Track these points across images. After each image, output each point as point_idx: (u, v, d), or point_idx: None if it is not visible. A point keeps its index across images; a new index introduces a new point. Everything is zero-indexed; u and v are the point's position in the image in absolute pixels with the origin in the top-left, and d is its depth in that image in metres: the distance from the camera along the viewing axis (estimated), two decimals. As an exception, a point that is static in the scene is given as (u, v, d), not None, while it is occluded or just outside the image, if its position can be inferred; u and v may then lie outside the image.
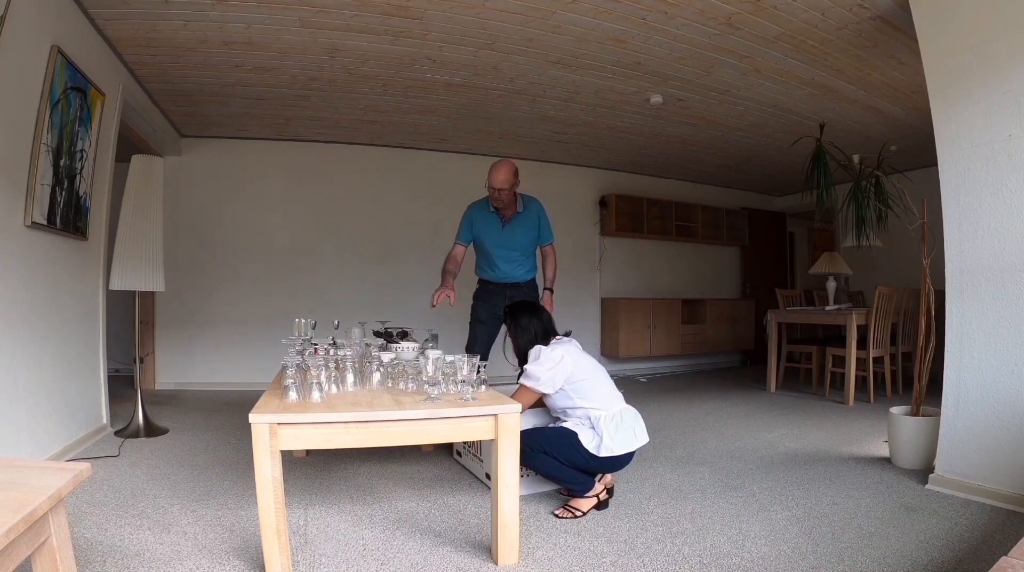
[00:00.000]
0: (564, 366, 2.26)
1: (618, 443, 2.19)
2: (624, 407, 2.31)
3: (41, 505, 1.07)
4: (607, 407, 2.26)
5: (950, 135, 2.45)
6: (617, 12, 3.06)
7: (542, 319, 2.45)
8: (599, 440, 2.19)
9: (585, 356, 2.38)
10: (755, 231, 7.47)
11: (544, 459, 2.19)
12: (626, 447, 2.21)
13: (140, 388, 3.46)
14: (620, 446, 2.19)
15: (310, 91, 4.18)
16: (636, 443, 2.25)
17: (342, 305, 5.03)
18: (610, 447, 2.17)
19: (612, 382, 2.38)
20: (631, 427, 2.26)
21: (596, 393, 2.28)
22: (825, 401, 4.60)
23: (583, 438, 2.20)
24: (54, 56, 2.61)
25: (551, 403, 2.35)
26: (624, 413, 2.28)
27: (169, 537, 1.94)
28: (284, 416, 1.62)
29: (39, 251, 2.69)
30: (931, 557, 1.81)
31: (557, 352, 2.29)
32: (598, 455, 2.18)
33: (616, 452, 2.19)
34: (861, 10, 2.99)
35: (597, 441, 2.19)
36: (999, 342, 2.30)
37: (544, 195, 6.17)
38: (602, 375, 2.36)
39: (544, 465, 2.21)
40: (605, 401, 2.28)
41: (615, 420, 2.23)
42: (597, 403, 2.26)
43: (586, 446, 2.18)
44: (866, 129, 4.82)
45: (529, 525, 2.08)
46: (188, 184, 5.10)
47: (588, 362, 2.36)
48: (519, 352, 2.45)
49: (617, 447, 2.19)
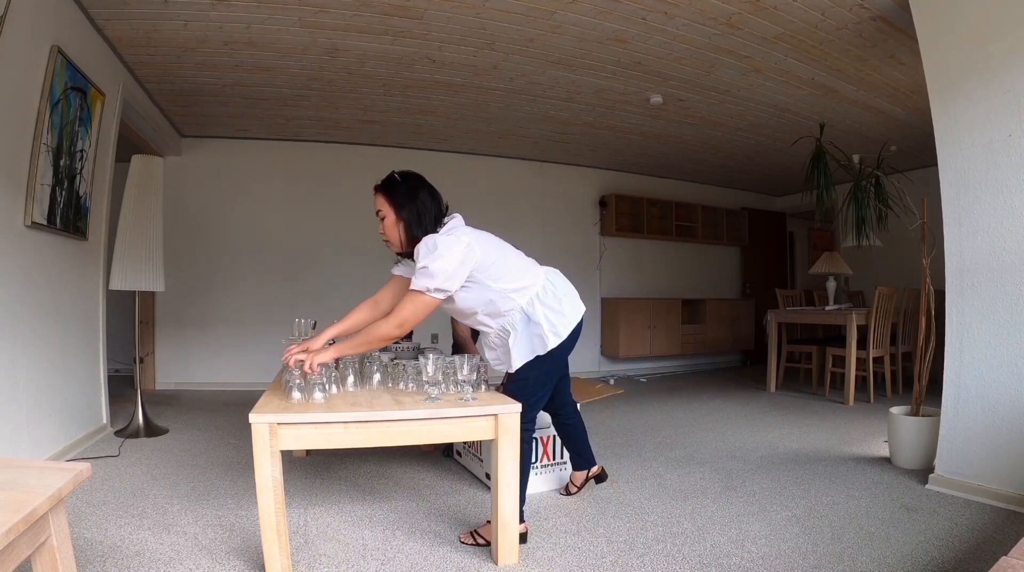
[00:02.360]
0: (473, 254, 1.82)
1: (568, 308, 1.92)
2: (546, 270, 2.01)
3: (41, 505, 1.07)
4: (532, 280, 1.93)
5: (950, 135, 2.45)
6: (617, 12, 3.06)
7: (437, 200, 1.94)
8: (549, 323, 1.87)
9: (487, 234, 1.95)
10: (755, 231, 7.47)
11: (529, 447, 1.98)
12: (578, 309, 1.96)
13: (140, 388, 3.46)
14: (572, 309, 1.94)
15: (310, 91, 4.18)
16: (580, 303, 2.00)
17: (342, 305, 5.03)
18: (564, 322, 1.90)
19: (521, 253, 2.02)
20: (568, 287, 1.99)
21: (512, 269, 1.91)
22: (825, 401, 4.60)
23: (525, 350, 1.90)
24: (54, 56, 2.61)
25: (461, 306, 1.92)
26: (551, 276, 1.98)
27: (169, 537, 1.94)
28: (284, 416, 1.62)
29: (39, 251, 2.69)
30: (931, 557, 1.82)
31: (462, 240, 1.81)
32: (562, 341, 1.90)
33: (574, 320, 1.93)
34: (861, 10, 2.99)
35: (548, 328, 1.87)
36: (999, 342, 2.30)
37: (544, 195, 6.28)
38: (510, 249, 1.98)
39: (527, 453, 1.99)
40: (528, 275, 1.93)
41: (548, 290, 1.93)
42: (522, 280, 1.91)
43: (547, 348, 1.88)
44: (866, 129, 4.82)
45: (529, 525, 2.08)
46: (188, 184, 5.10)
47: (492, 240, 1.94)
48: (406, 243, 1.92)
49: (570, 311, 1.92)
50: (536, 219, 6.17)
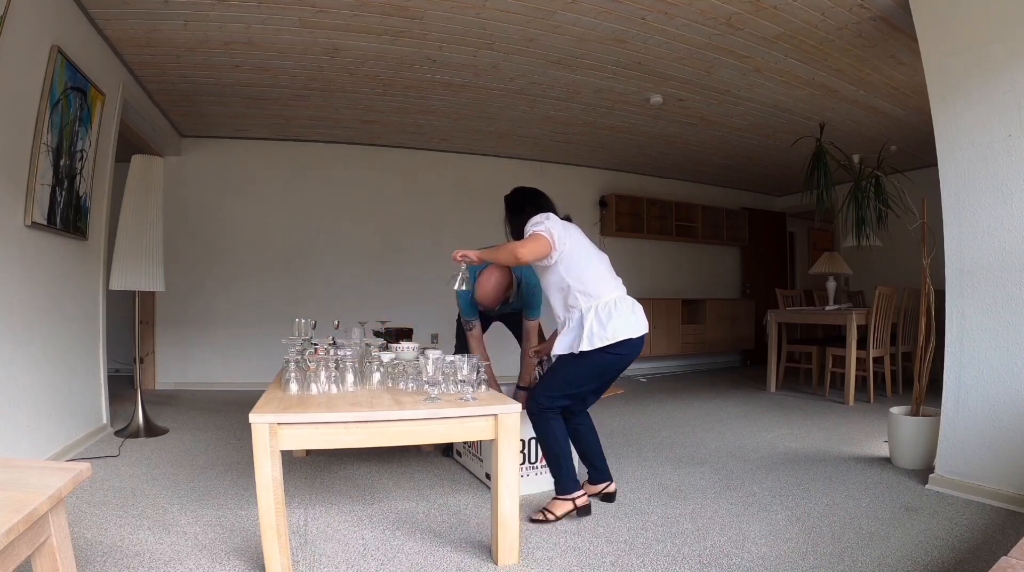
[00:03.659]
0: (569, 233, 2.15)
1: (611, 331, 2.07)
2: (621, 294, 2.18)
3: (41, 505, 1.07)
4: (600, 293, 2.13)
5: (950, 135, 2.45)
6: (617, 12, 3.06)
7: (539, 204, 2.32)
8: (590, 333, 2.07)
9: (584, 237, 2.26)
10: (755, 231, 7.47)
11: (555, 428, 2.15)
12: (618, 335, 2.08)
13: (140, 388, 3.46)
14: (613, 334, 2.07)
15: (310, 91, 4.18)
16: (634, 331, 2.12)
17: (342, 305, 5.04)
18: (604, 335, 2.06)
19: (611, 269, 2.25)
20: (627, 316, 2.13)
21: (590, 274, 2.15)
22: (825, 401, 4.60)
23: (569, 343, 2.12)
24: (54, 56, 2.61)
25: (549, 280, 2.22)
26: (619, 301, 2.15)
27: (169, 537, 1.94)
28: (284, 416, 1.62)
29: (39, 251, 2.69)
30: (931, 557, 1.81)
31: (559, 221, 2.18)
32: (592, 348, 2.07)
33: (611, 338, 2.07)
34: (861, 10, 2.99)
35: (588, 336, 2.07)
36: (999, 342, 2.30)
37: (544, 195, 6.24)
38: (596, 255, 2.23)
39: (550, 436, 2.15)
40: (599, 286, 2.15)
41: (607, 308, 2.10)
42: (591, 287, 2.13)
43: (579, 349, 2.08)
44: (866, 129, 4.82)
45: (529, 525, 2.08)
46: (188, 184, 5.10)
47: (587, 242, 2.24)
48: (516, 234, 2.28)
49: (612, 331, 2.07)
50: (536, 219, 6.16)
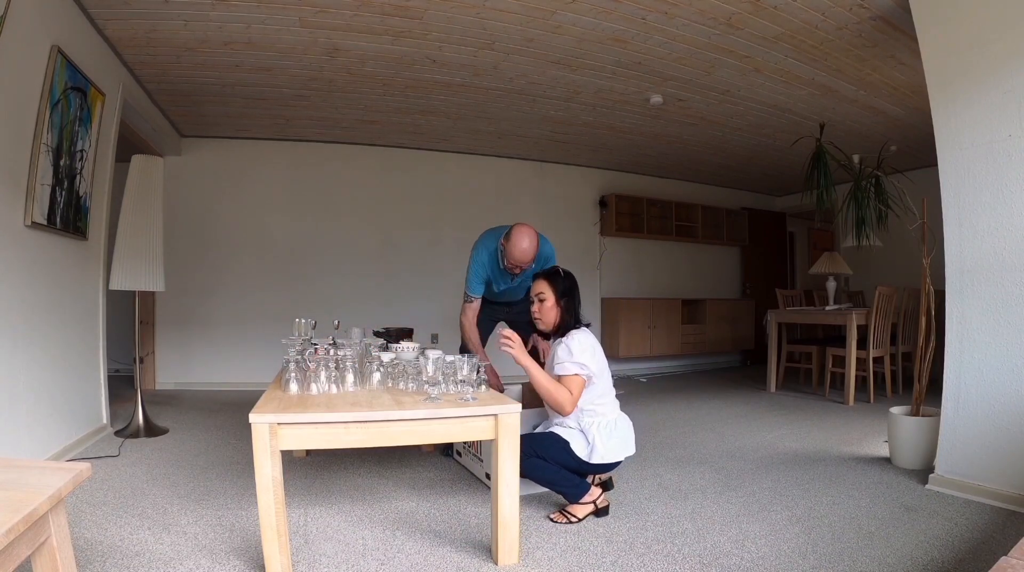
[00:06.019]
0: (598, 355, 2.24)
1: (610, 450, 2.20)
2: (619, 415, 2.31)
3: (41, 505, 1.07)
4: (605, 412, 2.25)
5: (950, 135, 2.45)
6: (617, 12, 3.06)
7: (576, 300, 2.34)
8: (591, 448, 2.18)
9: (601, 351, 2.34)
10: (755, 231, 7.47)
11: (536, 462, 2.16)
12: (615, 456, 2.22)
13: (140, 388, 3.46)
14: (612, 454, 2.20)
15: (310, 91, 4.18)
16: (625, 453, 2.26)
17: (342, 305, 5.04)
18: (603, 455, 2.18)
19: (612, 382, 2.37)
20: (623, 436, 2.26)
21: (598, 391, 2.26)
22: (825, 401, 4.60)
23: (575, 446, 2.19)
24: (54, 56, 2.61)
25: None
26: (618, 421, 2.28)
27: (169, 537, 1.94)
28: (284, 416, 1.62)
29: (39, 251, 2.69)
30: (931, 557, 1.81)
31: (589, 339, 2.23)
32: (590, 461, 2.19)
33: (608, 460, 2.20)
34: (861, 10, 2.99)
35: (589, 449, 2.19)
36: (999, 342, 2.30)
37: (544, 195, 6.27)
38: (607, 375, 2.33)
39: (537, 469, 2.17)
40: (604, 404, 2.27)
41: (609, 428, 2.23)
42: (599, 406, 2.24)
43: (578, 453, 2.19)
44: (866, 129, 4.82)
45: (529, 525, 2.08)
46: (188, 184, 5.10)
47: (603, 358, 2.32)
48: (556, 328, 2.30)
49: (609, 455, 2.20)
50: (536, 219, 6.11)
